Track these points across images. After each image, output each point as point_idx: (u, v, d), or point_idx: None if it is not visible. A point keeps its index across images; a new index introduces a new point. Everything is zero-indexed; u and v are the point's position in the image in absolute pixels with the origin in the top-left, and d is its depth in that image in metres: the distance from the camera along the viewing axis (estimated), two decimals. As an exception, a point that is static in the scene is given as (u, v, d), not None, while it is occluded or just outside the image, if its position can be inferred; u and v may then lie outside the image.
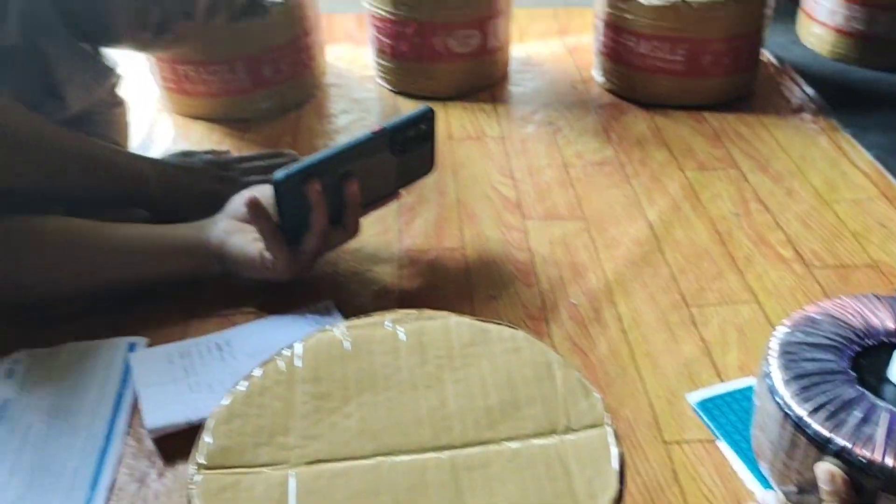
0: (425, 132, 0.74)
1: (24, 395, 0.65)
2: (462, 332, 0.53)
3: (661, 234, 0.83)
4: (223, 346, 0.69)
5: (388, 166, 0.72)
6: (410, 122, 0.71)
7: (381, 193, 0.75)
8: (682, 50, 1.02)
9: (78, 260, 0.71)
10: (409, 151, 0.73)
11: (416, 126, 0.72)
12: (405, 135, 0.71)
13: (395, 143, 0.71)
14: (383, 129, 0.70)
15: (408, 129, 0.71)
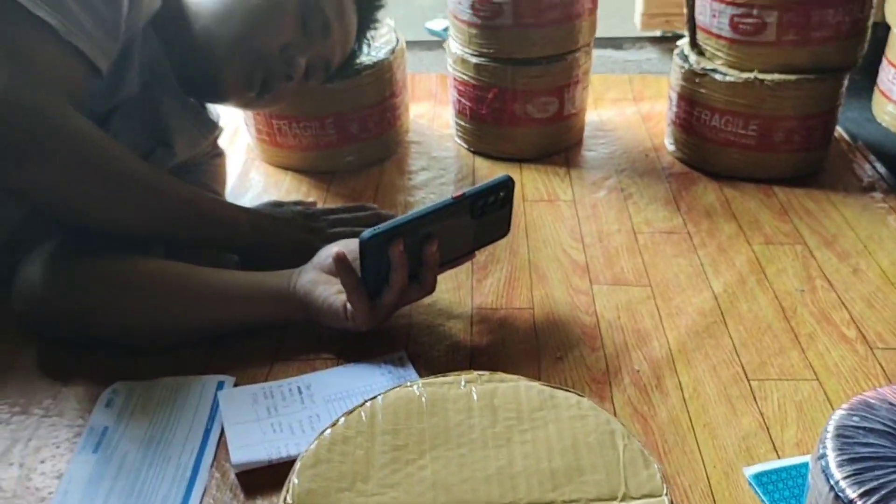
0: (504, 199, 0.78)
1: (121, 425, 0.71)
2: (531, 396, 0.56)
3: (725, 305, 0.85)
4: (303, 390, 0.74)
5: (466, 229, 0.77)
6: (490, 190, 0.76)
7: (458, 254, 0.79)
8: (754, 125, 1.05)
9: (175, 301, 0.78)
10: (486, 216, 0.77)
11: (495, 193, 0.76)
12: (485, 201, 0.76)
13: (475, 209, 0.76)
14: (464, 194, 0.74)
15: (487, 195, 0.76)
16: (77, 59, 0.71)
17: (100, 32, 0.72)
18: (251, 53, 0.87)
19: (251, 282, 0.81)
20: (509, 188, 0.78)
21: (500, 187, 0.77)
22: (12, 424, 0.71)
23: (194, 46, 0.88)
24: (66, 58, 0.71)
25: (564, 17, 1.08)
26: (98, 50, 0.72)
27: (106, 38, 0.73)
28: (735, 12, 1.02)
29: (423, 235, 0.74)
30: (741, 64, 1.04)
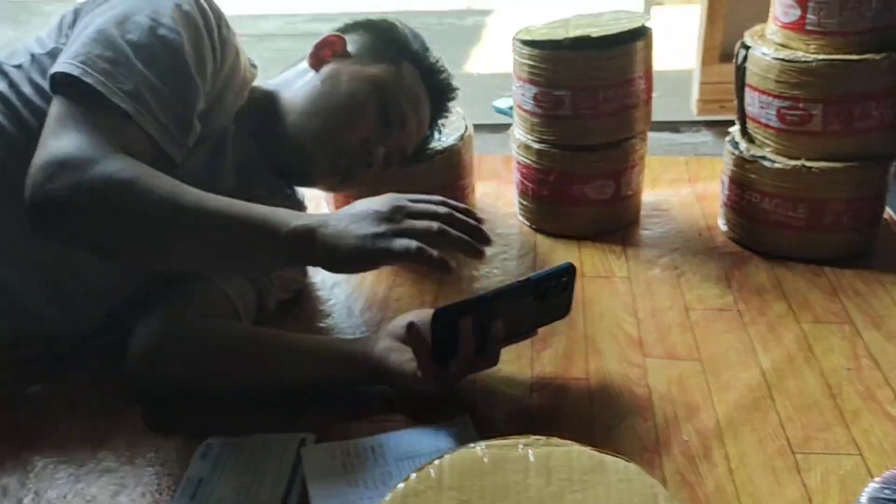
0: (565, 283, 0.86)
1: (215, 476, 0.79)
2: (583, 460, 0.63)
3: (772, 381, 0.90)
4: (376, 449, 0.81)
5: (529, 309, 0.85)
6: (553, 275, 0.84)
7: (521, 331, 0.87)
8: (803, 208, 1.10)
9: (267, 362, 0.88)
10: (549, 298, 0.85)
11: (558, 278, 0.84)
12: (548, 285, 0.84)
13: (538, 292, 0.83)
14: (529, 279, 0.82)
15: (551, 280, 0.84)
16: (147, 142, 0.80)
17: (171, 124, 0.82)
18: (336, 146, 0.98)
19: (334, 345, 0.91)
20: (571, 274, 0.85)
21: (563, 273, 0.85)
22: (120, 472, 0.80)
23: (285, 139, 0.98)
24: (136, 138, 0.79)
25: (620, 108, 1.17)
26: (168, 137, 0.81)
27: (177, 130, 0.83)
28: (782, 105, 1.09)
29: (490, 313, 0.82)
30: (789, 152, 1.10)
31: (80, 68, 0.77)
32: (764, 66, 1.10)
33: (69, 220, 0.74)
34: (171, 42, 0.81)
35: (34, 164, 0.74)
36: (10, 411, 0.89)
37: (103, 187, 0.73)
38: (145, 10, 0.82)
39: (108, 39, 0.79)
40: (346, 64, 1.00)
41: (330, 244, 0.76)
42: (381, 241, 0.75)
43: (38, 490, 0.78)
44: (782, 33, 1.10)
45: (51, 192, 0.72)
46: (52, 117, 0.78)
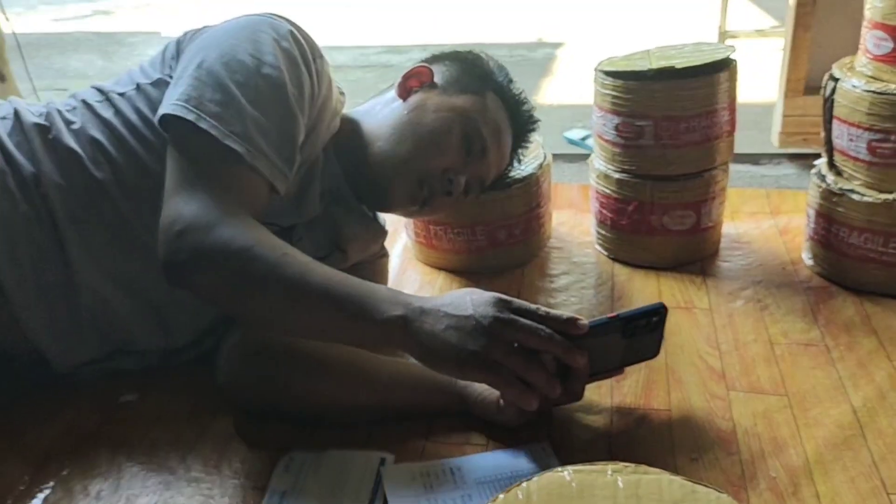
0: (656, 323, 0.84)
1: (297, 489, 0.81)
2: (674, 489, 0.62)
3: (864, 419, 0.87)
4: (455, 471, 0.82)
5: (617, 346, 0.83)
6: (643, 314, 0.83)
7: (607, 368, 0.86)
8: (894, 244, 1.07)
9: (352, 383, 0.89)
10: (637, 336, 0.84)
11: (648, 318, 0.83)
12: (637, 323, 0.82)
13: (627, 329, 0.82)
14: (618, 316, 0.81)
15: (640, 319, 0.82)
16: (259, 180, 0.84)
17: (278, 159, 0.85)
18: (417, 173, 1.00)
19: (420, 372, 0.91)
20: (662, 315, 0.84)
21: (654, 313, 0.83)
22: (207, 482, 0.82)
23: (369, 165, 1.01)
24: (250, 178, 0.83)
25: (703, 139, 1.16)
26: (277, 172, 0.85)
27: (283, 164, 0.86)
28: (873, 137, 1.06)
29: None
30: (879, 185, 1.08)
31: (194, 113, 0.81)
32: (854, 99, 1.08)
33: (193, 279, 0.79)
34: (275, 80, 0.85)
35: (162, 224, 0.80)
36: (104, 419, 0.93)
37: (219, 254, 0.77)
38: (248, 48, 0.85)
39: (216, 81, 0.83)
40: (433, 94, 1.02)
41: (424, 343, 0.78)
42: (477, 359, 0.76)
43: (129, 496, 0.80)
44: (873, 65, 1.08)
45: (177, 255, 0.78)
46: (173, 169, 0.83)
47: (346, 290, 0.79)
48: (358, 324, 0.79)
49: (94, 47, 4.25)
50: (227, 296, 0.80)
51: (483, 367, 0.77)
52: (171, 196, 0.81)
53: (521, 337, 0.78)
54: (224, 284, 0.79)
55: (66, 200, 0.89)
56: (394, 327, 0.78)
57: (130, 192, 0.90)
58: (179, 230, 0.78)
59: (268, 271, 0.77)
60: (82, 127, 0.91)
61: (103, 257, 0.91)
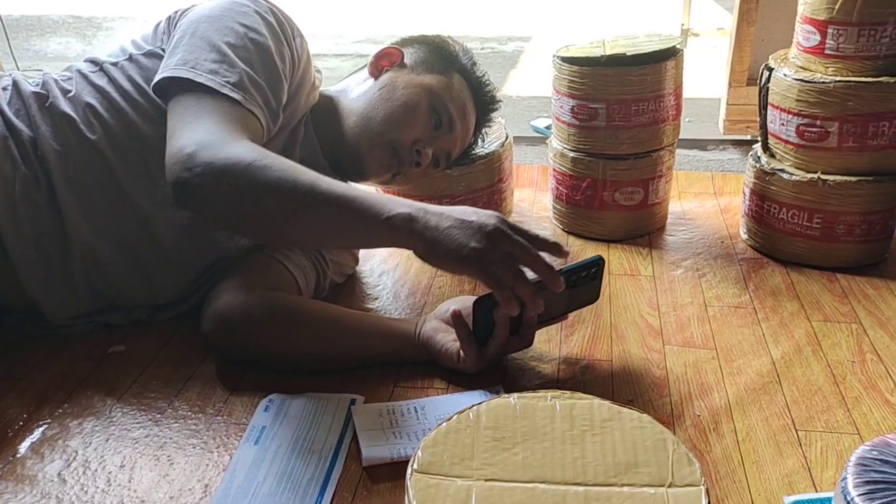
0: (595, 273, 0.95)
1: (275, 425, 0.89)
2: (602, 410, 0.72)
3: (781, 370, 0.98)
4: (419, 410, 0.91)
5: (562, 296, 0.93)
6: (584, 266, 0.93)
7: (554, 315, 0.97)
8: (818, 219, 1.19)
9: (327, 335, 0.98)
10: (580, 286, 0.94)
11: (588, 269, 0.94)
12: (579, 275, 0.93)
13: (570, 281, 0.93)
14: (562, 269, 0.92)
15: (582, 271, 0.93)
16: (256, 121, 0.93)
17: (268, 110, 0.95)
18: (389, 145, 1.09)
19: (387, 323, 1.01)
20: (600, 267, 0.95)
21: (593, 265, 0.94)
22: (193, 419, 0.91)
23: (344, 138, 1.10)
24: (248, 118, 0.92)
25: (651, 122, 1.27)
26: (266, 122, 0.95)
27: (272, 117, 0.96)
28: (801, 122, 1.18)
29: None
30: (806, 166, 1.19)
31: (191, 72, 0.90)
32: (785, 87, 1.19)
33: (205, 199, 0.85)
34: (262, 44, 0.94)
35: (170, 152, 0.86)
36: (95, 367, 1.01)
37: (234, 166, 0.83)
38: (236, 18, 0.95)
39: (209, 44, 0.92)
40: (403, 73, 1.12)
41: (428, 238, 0.84)
42: (477, 256, 0.82)
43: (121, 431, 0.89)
44: (803, 57, 1.20)
45: (190, 172, 0.83)
46: (176, 112, 0.90)
47: (355, 193, 0.86)
48: (367, 222, 0.85)
49: (73, 30, 4.27)
50: (240, 208, 0.85)
51: (481, 265, 0.83)
52: (176, 131, 0.87)
53: (516, 249, 0.85)
54: (239, 196, 0.84)
55: (62, 162, 0.97)
56: (400, 223, 0.84)
57: (121, 152, 0.98)
58: (191, 151, 0.84)
59: (281, 179, 0.83)
60: (77, 94, 0.99)
61: (96, 215, 0.99)
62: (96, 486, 0.81)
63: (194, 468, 0.83)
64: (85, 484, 0.81)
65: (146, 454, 0.85)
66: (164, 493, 0.79)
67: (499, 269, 0.83)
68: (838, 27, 1.14)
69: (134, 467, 0.83)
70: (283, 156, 1.05)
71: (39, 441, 0.87)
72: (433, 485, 0.65)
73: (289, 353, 0.97)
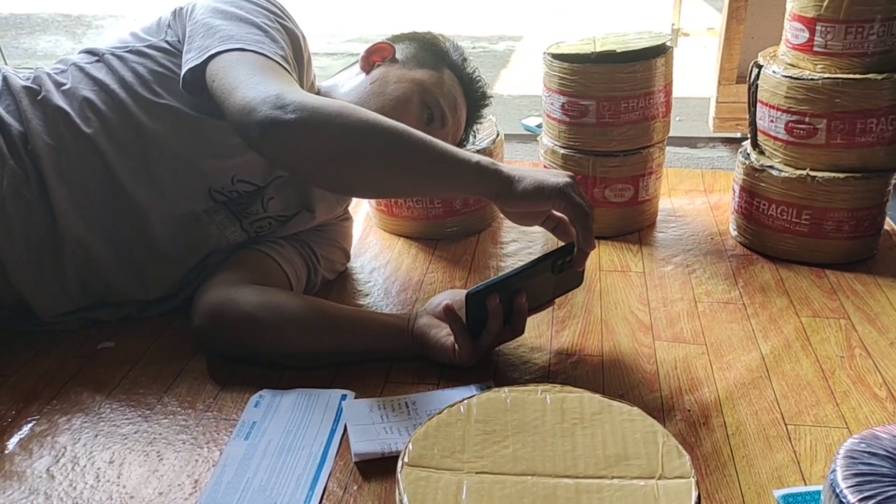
0: None
1: (266, 420, 0.89)
2: (593, 403, 0.72)
3: (770, 364, 0.98)
4: (409, 405, 0.91)
5: (548, 282, 0.95)
6: (568, 251, 0.94)
7: (542, 301, 0.98)
8: (807, 215, 1.19)
9: (316, 330, 0.97)
10: (565, 271, 0.95)
11: (571, 253, 0.94)
12: (563, 259, 0.94)
13: (555, 266, 0.93)
14: (546, 255, 0.93)
15: (565, 255, 0.94)
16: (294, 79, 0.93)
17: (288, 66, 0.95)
18: None
19: (380, 319, 1.01)
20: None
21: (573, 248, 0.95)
22: (182, 415, 0.90)
23: None
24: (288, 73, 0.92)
25: (641, 119, 1.27)
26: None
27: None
28: (790, 119, 1.18)
29: (515, 290, 0.92)
30: (795, 162, 1.19)
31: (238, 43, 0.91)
32: (774, 84, 1.19)
33: (298, 137, 0.83)
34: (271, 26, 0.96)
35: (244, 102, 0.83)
36: (84, 363, 1.00)
37: (323, 107, 0.83)
38: (244, 5, 0.97)
39: (246, 21, 0.94)
40: (394, 68, 1.11)
41: (515, 176, 0.88)
42: (565, 188, 0.87)
43: (110, 427, 0.88)
44: (792, 54, 1.20)
45: (280, 114, 0.81)
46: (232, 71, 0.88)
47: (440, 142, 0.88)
48: (455, 164, 0.87)
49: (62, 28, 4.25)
50: (332, 148, 0.84)
51: (566, 196, 0.87)
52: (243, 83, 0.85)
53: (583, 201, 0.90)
54: (331, 136, 0.83)
55: (55, 157, 0.96)
56: (488, 164, 0.88)
57: (119, 146, 0.98)
58: (278, 93, 0.82)
59: (372, 120, 0.84)
60: (73, 87, 0.98)
61: (89, 210, 0.99)
62: (85, 482, 0.80)
63: (184, 464, 0.83)
64: (73, 480, 0.80)
65: (135, 450, 0.85)
66: (153, 489, 0.79)
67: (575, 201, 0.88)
68: (826, 24, 1.14)
69: (123, 463, 0.83)
70: None
71: (28, 437, 0.86)
72: (423, 478, 0.65)
73: (280, 349, 0.97)
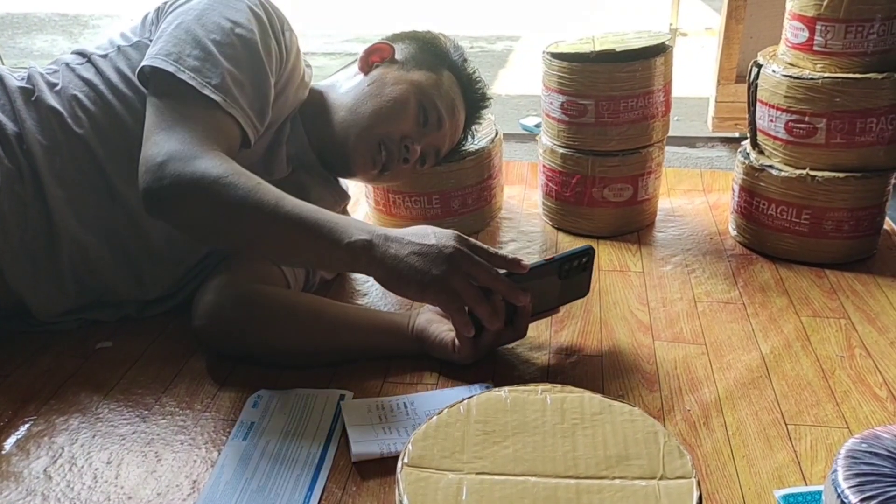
0: (585, 264, 0.96)
1: (264, 421, 0.89)
2: (594, 403, 0.72)
3: (771, 364, 0.98)
4: (408, 405, 0.91)
5: (554, 287, 0.94)
6: (575, 256, 0.94)
7: (546, 307, 0.97)
8: (806, 215, 1.19)
9: (314, 329, 0.97)
10: (571, 278, 0.95)
11: (579, 258, 0.94)
12: (570, 265, 0.94)
13: (562, 271, 0.93)
14: (553, 258, 0.92)
15: (573, 260, 0.94)
16: (234, 127, 0.92)
17: (251, 111, 0.94)
18: (376, 140, 1.08)
19: (379, 316, 1.00)
20: (591, 256, 0.96)
21: (584, 255, 0.95)
22: (181, 415, 0.90)
23: (333, 132, 1.09)
24: (226, 123, 0.91)
25: (640, 118, 1.27)
26: (250, 123, 0.93)
27: (256, 117, 0.95)
28: (790, 118, 1.18)
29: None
30: (795, 162, 1.19)
31: (174, 66, 0.89)
32: (774, 83, 1.19)
33: (172, 210, 0.86)
34: (249, 40, 0.93)
35: (144, 158, 0.86)
36: (82, 363, 1.00)
37: (200, 181, 0.83)
38: (223, 12, 0.93)
39: (194, 39, 0.91)
40: (393, 69, 1.11)
41: (387, 264, 0.86)
42: (436, 284, 0.85)
43: (108, 427, 0.88)
44: (792, 53, 1.20)
45: (159, 183, 0.84)
46: (153, 113, 0.89)
47: (317, 216, 0.87)
48: (327, 246, 0.86)
49: (59, 28, 4.24)
50: (206, 222, 0.87)
51: (442, 291, 0.85)
52: (152, 135, 0.87)
53: (475, 271, 0.87)
54: (204, 211, 0.85)
55: (49, 156, 0.96)
56: (360, 250, 0.86)
57: (109, 146, 0.97)
58: (161, 161, 0.84)
59: (245, 197, 0.84)
60: (64, 87, 0.98)
61: (84, 209, 0.98)
62: (82, 482, 0.80)
63: (182, 464, 0.82)
64: (71, 480, 0.80)
65: (133, 450, 0.84)
66: (151, 490, 0.79)
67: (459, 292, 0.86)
68: (826, 24, 1.14)
69: (121, 464, 0.82)
70: (270, 152, 1.05)
71: (25, 438, 0.86)
72: (424, 478, 0.64)
73: (280, 348, 0.97)
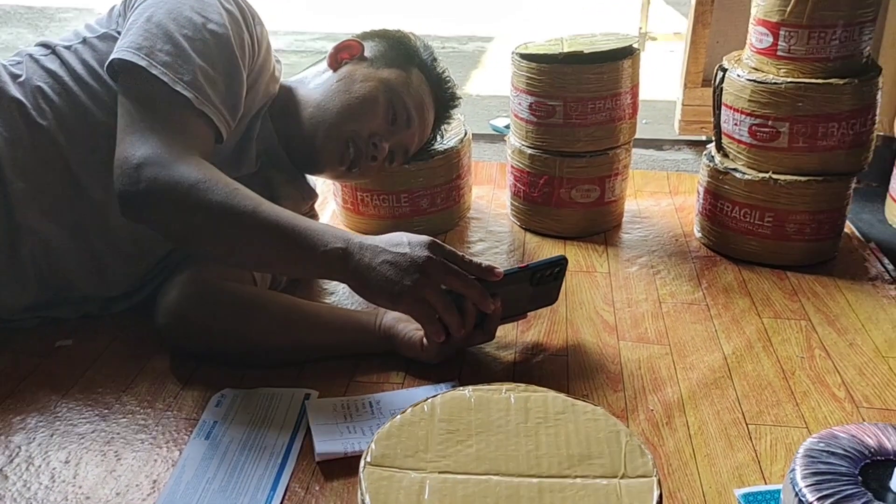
0: (558, 274, 0.97)
1: (227, 420, 0.88)
2: (557, 403, 0.72)
3: (732, 365, 0.99)
4: (374, 404, 0.90)
5: (525, 293, 0.95)
6: (549, 265, 0.95)
7: (515, 312, 0.98)
8: (769, 217, 1.21)
9: (280, 326, 0.96)
10: (542, 285, 0.95)
11: (552, 268, 0.95)
12: (543, 273, 0.95)
13: (535, 279, 0.94)
14: (528, 266, 0.93)
15: (546, 269, 0.95)
16: (206, 125, 0.91)
17: (223, 107, 0.93)
18: (344, 136, 1.08)
19: (346, 314, 1.00)
20: (563, 266, 0.97)
21: (557, 264, 0.96)
22: (142, 414, 0.89)
23: (301, 128, 1.09)
24: (198, 122, 0.90)
25: (607, 120, 1.28)
26: (222, 119, 0.93)
27: (228, 113, 0.94)
28: (753, 122, 1.20)
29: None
30: (758, 165, 1.21)
31: (146, 60, 0.88)
32: (738, 87, 1.21)
33: (149, 212, 0.86)
34: (220, 35, 0.92)
35: (119, 160, 0.85)
36: (41, 362, 0.98)
37: (175, 186, 0.83)
38: (195, 6, 0.92)
39: (165, 34, 0.90)
40: (362, 66, 1.11)
41: (361, 273, 0.87)
42: (407, 295, 0.86)
43: (66, 426, 0.86)
44: (756, 58, 1.22)
45: (135, 187, 0.84)
46: (127, 112, 0.88)
47: (293, 223, 0.87)
48: (302, 254, 0.86)
49: (25, 21, 4.16)
50: (181, 227, 0.86)
51: (414, 301, 0.86)
52: (126, 136, 0.86)
53: (449, 279, 0.88)
54: (179, 216, 0.85)
55: (11, 148, 0.94)
56: (334, 259, 0.86)
57: (74, 138, 0.96)
58: (137, 164, 0.83)
59: (221, 203, 0.84)
60: (27, 78, 0.96)
61: (47, 202, 0.96)
62: (39, 482, 0.78)
63: (142, 464, 0.81)
64: (28, 480, 0.78)
65: (92, 450, 0.83)
66: (110, 490, 0.77)
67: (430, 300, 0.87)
68: (790, 29, 1.16)
69: (79, 463, 0.81)
70: (241, 147, 1.04)
71: (-20, 437, 0.84)
72: (386, 477, 0.64)
73: (246, 346, 0.96)
